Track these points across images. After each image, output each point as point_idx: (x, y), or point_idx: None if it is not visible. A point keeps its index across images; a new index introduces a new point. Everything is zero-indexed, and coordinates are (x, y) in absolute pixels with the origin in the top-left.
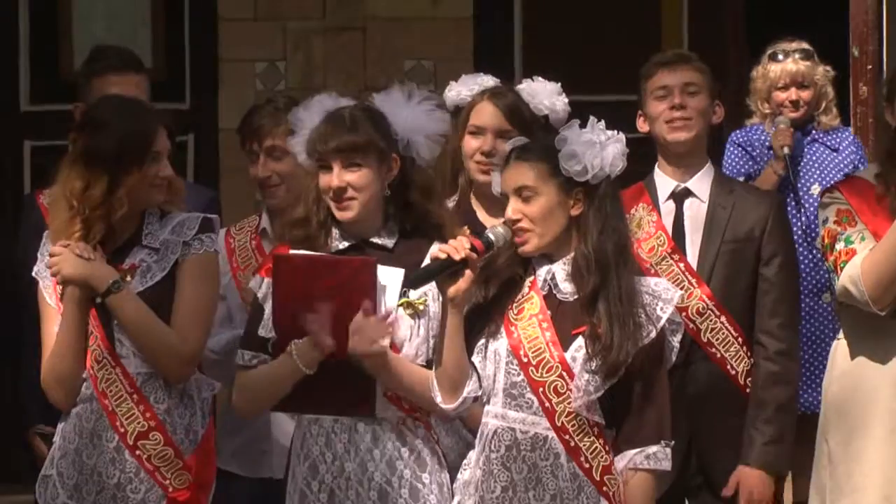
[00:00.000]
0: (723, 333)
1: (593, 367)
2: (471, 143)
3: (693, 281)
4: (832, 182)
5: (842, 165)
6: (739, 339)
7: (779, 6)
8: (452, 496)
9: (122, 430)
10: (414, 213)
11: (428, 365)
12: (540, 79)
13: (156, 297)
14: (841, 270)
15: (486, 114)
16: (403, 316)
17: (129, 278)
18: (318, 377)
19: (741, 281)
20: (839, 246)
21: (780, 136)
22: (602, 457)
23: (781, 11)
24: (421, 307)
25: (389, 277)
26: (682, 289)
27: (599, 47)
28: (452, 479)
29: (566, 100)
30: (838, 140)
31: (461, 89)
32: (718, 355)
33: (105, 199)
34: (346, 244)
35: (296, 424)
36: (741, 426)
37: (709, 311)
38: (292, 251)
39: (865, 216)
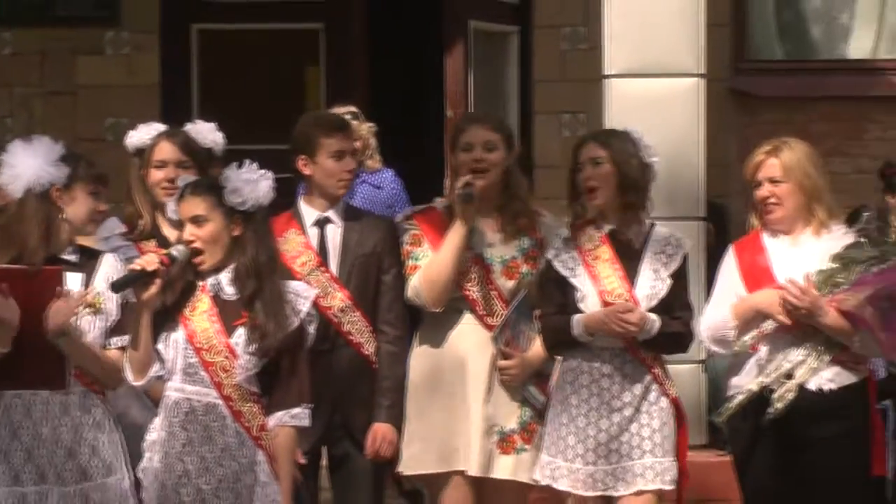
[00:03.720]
0: (359, 325)
1: (251, 350)
2: (156, 175)
3: (336, 286)
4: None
5: (385, 199)
6: (370, 329)
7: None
8: (127, 453)
9: None
10: None
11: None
12: (200, 121)
13: None
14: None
15: (165, 150)
16: (84, 313)
17: None
18: (16, 357)
19: (370, 286)
20: (409, 262)
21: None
22: (258, 418)
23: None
24: (99, 307)
25: (73, 280)
26: (327, 293)
27: (258, 107)
28: (141, 441)
29: (222, 135)
30: (381, 179)
31: (141, 135)
32: (356, 341)
33: None
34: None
35: None
36: (372, 392)
37: (348, 309)
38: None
39: (431, 239)
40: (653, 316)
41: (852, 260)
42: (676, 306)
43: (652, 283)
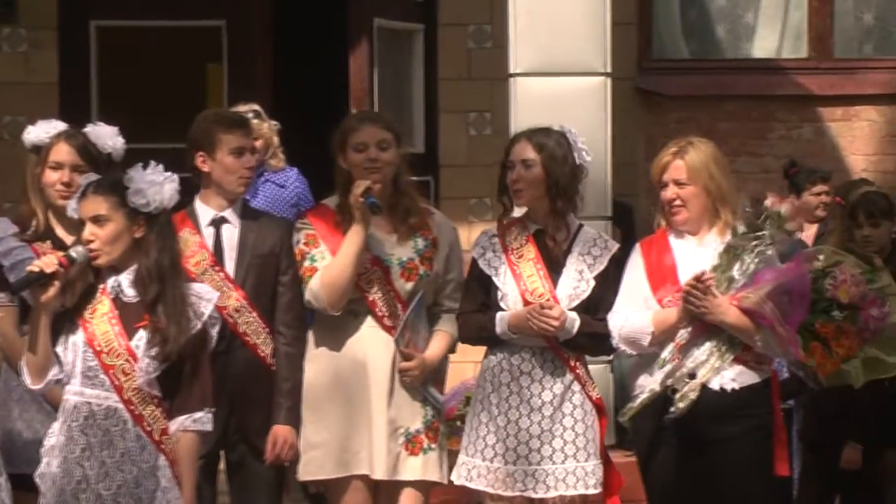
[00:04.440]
0: (255, 326)
1: (152, 353)
2: (51, 176)
3: (231, 286)
4: (282, 212)
5: (288, 198)
6: (267, 330)
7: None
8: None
9: None
10: None
11: None
12: (101, 123)
13: None
14: (307, 284)
15: (62, 152)
16: None
17: None
18: None
19: (267, 286)
20: (306, 263)
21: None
22: (160, 422)
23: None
24: None
25: None
26: (222, 293)
27: (158, 105)
28: (40, 445)
29: (122, 140)
30: (285, 178)
31: (39, 131)
32: (252, 342)
33: None
34: None
35: None
36: (268, 394)
37: (243, 309)
38: None
39: (326, 239)
40: (573, 315)
41: (737, 249)
42: (601, 308)
43: (575, 283)
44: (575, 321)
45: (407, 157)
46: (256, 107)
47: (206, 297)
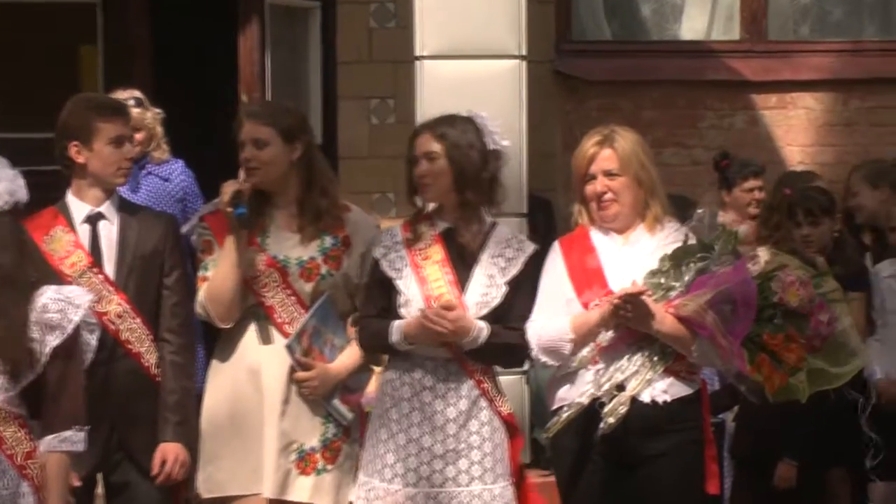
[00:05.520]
0: (138, 333)
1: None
2: None
3: (111, 290)
4: (167, 208)
5: (174, 192)
6: (151, 337)
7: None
8: None
9: None
10: None
11: None
12: None
13: None
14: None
15: None
16: None
17: None
18: None
19: (151, 289)
20: (200, 273)
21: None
22: (24, 444)
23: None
24: None
25: None
26: (102, 297)
27: (27, 91)
28: None
29: None
30: (169, 171)
31: None
32: (135, 351)
33: None
34: None
35: None
36: (154, 408)
37: (126, 315)
38: None
39: (222, 244)
40: (480, 323)
41: (682, 260)
42: (513, 316)
43: (485, 289)
44: (483, 330)
45: (315, 151)
46: (138, 93)
47: (77, 301)
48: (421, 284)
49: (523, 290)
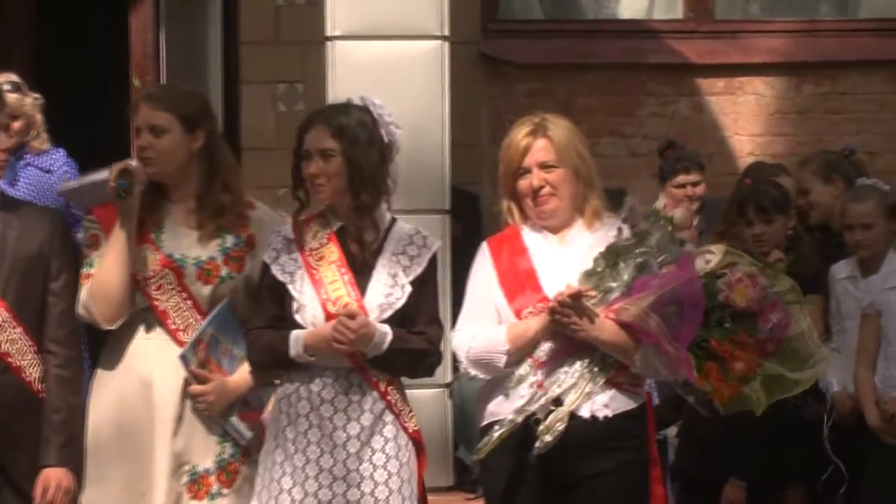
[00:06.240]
0: (20, 344)
1: None
2: None
3: None
4: (48, 202)
5: (56, 185)
6: (34, 349)
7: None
8: None
9: None
10: None
11: None
12: None
13: None
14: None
15: None
16: None
17: None
18: None
19: (34, 295)
20: (83, 269)
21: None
22: None
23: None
24: None
25: None
26: None
27: None
28: None
29: None
30: (50, 162)
31: None
32: (16, 364)
33: None
34: None
35: None
36: (37, 428)
37: (6, 324)
38: None
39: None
40: (384, 327)
41: (618, 257)
42: (420, 319)
43: (387, 290)
44: (386, 335)
45: (218, 140)
46: (14, 77)
47: None
48: (316, 288)
49: (429, 290)
